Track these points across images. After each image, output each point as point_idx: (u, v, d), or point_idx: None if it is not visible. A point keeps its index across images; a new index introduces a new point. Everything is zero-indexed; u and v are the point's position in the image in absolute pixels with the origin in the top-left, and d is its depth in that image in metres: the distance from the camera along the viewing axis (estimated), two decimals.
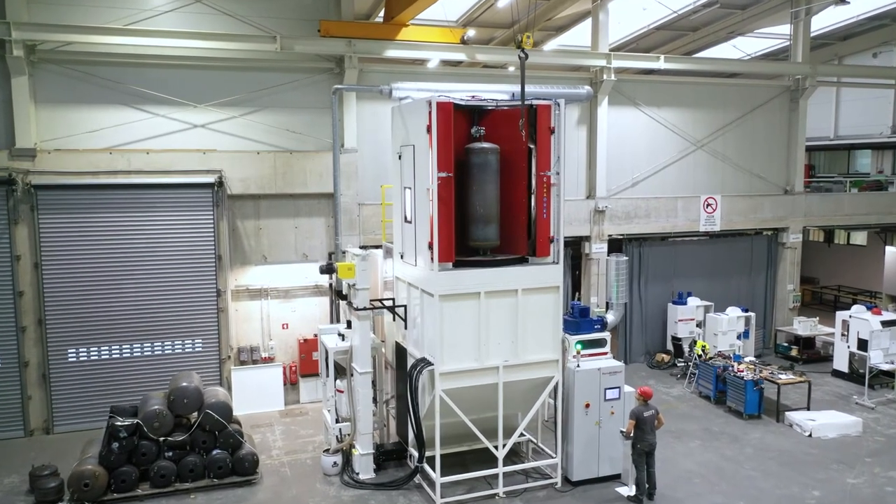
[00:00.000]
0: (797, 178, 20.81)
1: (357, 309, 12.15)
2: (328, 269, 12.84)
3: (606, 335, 13.65)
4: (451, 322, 11.18)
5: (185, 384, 12.18)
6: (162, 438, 11.81)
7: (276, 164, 15.72)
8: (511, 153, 11.63)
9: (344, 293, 12.67)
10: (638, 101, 19.05)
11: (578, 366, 12.26)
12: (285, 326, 16.49)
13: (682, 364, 18.62)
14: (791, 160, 20.79)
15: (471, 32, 18.36)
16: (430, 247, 11.04)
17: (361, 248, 15.59)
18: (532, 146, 11.64)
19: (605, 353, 13.46)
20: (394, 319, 12.99)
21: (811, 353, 19.78)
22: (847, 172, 28.67)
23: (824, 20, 22.80)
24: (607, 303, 18.48)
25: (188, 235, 15.12)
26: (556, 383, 11.92)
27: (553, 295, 11.74)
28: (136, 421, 11.67)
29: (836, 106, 26.95)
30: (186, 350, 15.34)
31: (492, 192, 11.46)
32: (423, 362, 11.46)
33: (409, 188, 11.97)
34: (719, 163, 20.09)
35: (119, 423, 11.54)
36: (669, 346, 19.47)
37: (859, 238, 26.86)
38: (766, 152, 20.60)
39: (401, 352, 12.85)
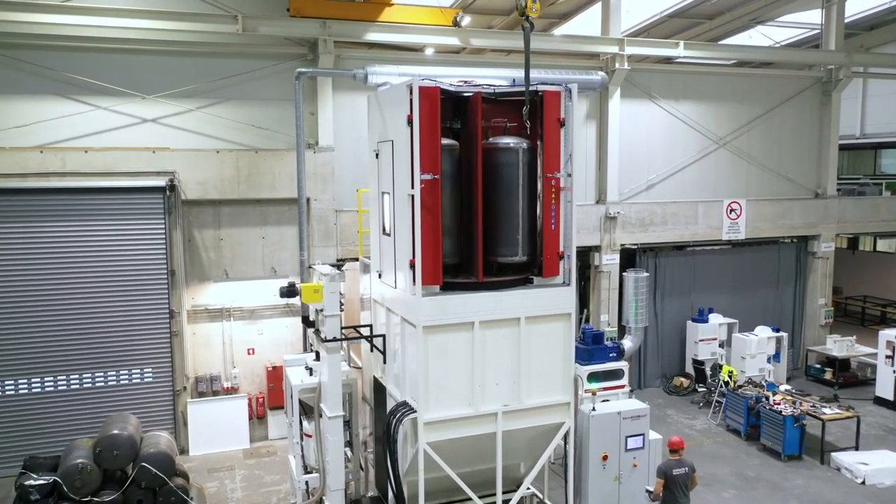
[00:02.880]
0: (829, 181, 18.78)
1: (325, 340, 10.01)
2: (290, 293, 10.65)
3: (624, 365, 11.63)
4: (438, 358, 9.02)
5: (116, 432, 10.08)
6: (87, 498, 9.71)
7: (240, 165, 13.67)
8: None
9: (311, 319, 10.54)
10: (653, 94, 16.98)
11: (594, 409, 10.18)
12: (251, 352, 14.36)
13: (704, 390, 16.54)
14: (822, 160, 18.78)
15: (467, 19, 16.26)
16: (412, 266, 8.92)
17: (339, 261, 13.55)
18: (538, 142, 9.52)
19: (623, 386, 11.52)
20: (371, 351, 10.87)
21: (847, 377, 17.68)
22: (874, 173, 26.56)
23: (850, 8, 20.72)
24: (621, 326, 16.28)
25: (135, 247, 13.19)
26: (568, 430, 9.78)
27: (564, 323, 9.56)
28: (52, 479, 9.59)
29: (863, 101, 24.81)
30: (134, 381, 13.32)
31: (445, 200, 9.24)
32: (405, 407, 9.31)
33: (388, 193, 9.83)
34: (744, 163, 18.03)
35: (30, 484, 9.43)
36: (689, 370, 17.34)
37: (886, 245, 24.77)
38: (795, 151, 18.58)
39: (379, 387, 10.72)
